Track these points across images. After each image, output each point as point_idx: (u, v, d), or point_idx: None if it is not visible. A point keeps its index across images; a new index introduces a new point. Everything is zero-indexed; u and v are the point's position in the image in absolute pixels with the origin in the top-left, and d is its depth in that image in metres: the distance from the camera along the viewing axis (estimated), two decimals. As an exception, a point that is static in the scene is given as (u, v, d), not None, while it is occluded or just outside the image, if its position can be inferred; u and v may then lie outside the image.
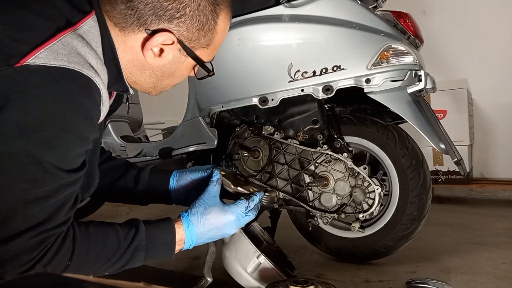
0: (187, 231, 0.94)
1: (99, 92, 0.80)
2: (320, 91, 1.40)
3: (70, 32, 0.78)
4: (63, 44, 0.76)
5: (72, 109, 0.75)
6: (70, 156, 0.77)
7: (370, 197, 1.47)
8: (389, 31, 1.39)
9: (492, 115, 3.16)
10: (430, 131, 1.35)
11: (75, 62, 0.75)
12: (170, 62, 0.91)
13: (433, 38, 2.85)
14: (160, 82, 0.96)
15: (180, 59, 0.91)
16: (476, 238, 1.90)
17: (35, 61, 0.72)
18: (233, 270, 1.19)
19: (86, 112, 0.77)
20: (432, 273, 1.44)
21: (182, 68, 0.94)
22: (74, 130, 0.76)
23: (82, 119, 0.77)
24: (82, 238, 0.81)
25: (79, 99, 0.76)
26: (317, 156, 1.52)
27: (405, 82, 1.36)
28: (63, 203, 0.77)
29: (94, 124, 0.81)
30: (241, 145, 1.61)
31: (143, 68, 0.91)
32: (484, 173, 3.20)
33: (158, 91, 1.00)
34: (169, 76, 0.95)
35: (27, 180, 0.72)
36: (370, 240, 1.50)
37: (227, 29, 0.96)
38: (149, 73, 0.93)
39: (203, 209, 0.98)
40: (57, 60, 0.73)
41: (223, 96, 1.55)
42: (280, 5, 1.44)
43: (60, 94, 0.73)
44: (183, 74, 0.97)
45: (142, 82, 0.95)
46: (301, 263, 1.57)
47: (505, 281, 1.35)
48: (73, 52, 0.76)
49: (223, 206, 0.99)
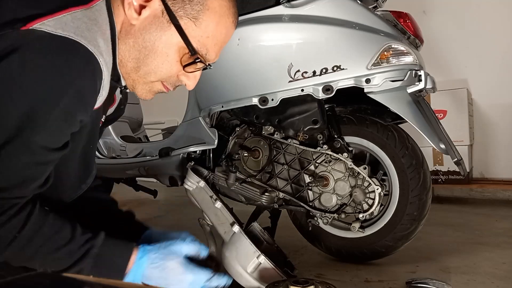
0: (136, 263, 0.85)
1: (101, 73, 0.77)
2: (320, 91, 1.40)
3: (82, 9, 0.77)
4: (73, 17, 0.74)
5: (65, 81, 0.72)
6: (50, 130, 0.74)
7: (370, 197, 1.47)
8: (389, 31, 1.39)
9: (492, 115, 3.16)
10: (430, 131, 1.35)
11: (82, 36, 0.73)
12: (151, 24, 0.83)
13: (433, 38, 2.85)
14: (143, 60, 0.86)
15: (162, 25, 0.83)
16: (476, 238, 1.90)
17: (41, 27, 0.70)
18: (233, 270, 1.19)
19: (80, 87, 0.74)
20: (432, 273, 1.44)
21: (165, 40, 0.84)
22: (61, 103, 0.73)
23: (73, 94, 0.73)
24: (38, 217, 0.78)
25: (76, 72, 0.73)
26: (317, 156, 1.52)
27: (405, 82, 1.36)
28: (30, 179, 0.75)
29: (85, 103, 0.77)
30: (241, 145, 1.61)
31: (127, 35, 0.85)
32: (484, 173, 3.20)
33: (143, 79, 0.89)
34: (151, 50, 0.84)
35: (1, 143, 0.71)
36: (370, 240, 1.50)
37: (225, 17, 0.87)
38: (132, 42, 0.85)
39: (167, 252, 0.88)
40: (64, 30, 0.72)
41: (223, 96, 1.55)
42: (280, 5, 1.44)
43: (58, 63, 0.71)
44: (166, 52, 0.85)
45: (127, 60, 0.87)
46: (301, 263, 1.57)
47: (505, 281, 1.35)
48: (82, 27, 0.74)
49: (188, 263, 0.90)
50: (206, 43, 0.87)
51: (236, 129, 1.63)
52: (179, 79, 0.91)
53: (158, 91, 0.94)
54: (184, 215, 2.65)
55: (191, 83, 0.93)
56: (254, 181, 1.55)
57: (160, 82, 0.91)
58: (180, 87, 0.97)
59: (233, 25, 0.91)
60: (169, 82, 0.91)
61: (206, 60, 0.89)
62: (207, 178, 1.49)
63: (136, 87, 0.91)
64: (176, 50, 0.85)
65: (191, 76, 0.91)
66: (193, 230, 2.22)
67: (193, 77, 0.92)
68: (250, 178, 1.55)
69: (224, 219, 1.32)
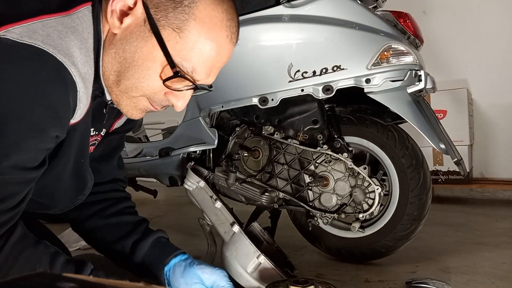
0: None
1: (74, 85, 0.71)
2: (320, 91, 1.40)
3: (57, 16, 0.71)
4: (44, 25, 0.68)
5: (32, 94, 0.66)
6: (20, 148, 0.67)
7: (370, 197, 1.47)
8: (389, 31, 1.39)
9: (492, 115, 3.16)
10: (430, 131, 1.35)
11: (51, 45, 0.67)
12: (132, 34, 0.76)
13: (433, 38, 2.86)
14: (123, 73, 0.78)
15: (143, 34, 0.75)
16: (476, 238, 1.90)
17: (6, 34, 0.64)
18: (233, 270, 1.19)
19: (49, 101, 0.67)
20: (432, 273, 1.44)
21: (146, 51, 0.76)
22: (29, 118, 0.66)
23: (43, 107, 0.67)
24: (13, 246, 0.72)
25: (43, 86, 0.66)
26: (317, 156, 1.52)
27: (405, 82, 1.36)
28: None
29: (57, 117, 0.70)
30: (241, 145, 1.61)
31: (110, 45, 0.78)
32: (484, 173, 3.20)
33: (125, 93, 0.81)
34: (131, 62, 0.77)
35: None
36: (370, 240, 1.50)
37: (215, 30, 0.78)
38: (113, 52, 0.78)
39: None
40: (30, 38, 0.65)
41: (223, 96, 1.55)
42: (280, 5, 1.44)
43: (23, 75, 0.65)
44: (147, 65, 0.77)
45: (109, 73, 0.80)
46: (301, 263, 1.57)
47: (505, 281, 1.35)
48: (53, 36, 0.68)
49: None
50: (191, 59, 0.77)
51: (236, 129, 1.63)
52: (167, 98, 0.83)
53: (146, 109, 0.85)
54: (184, 215, 2.65)
55: (179, 104, 0.83)
56: (254, 181, 1.55)
57: (145, 98, 0.82)
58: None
59: (228, 40, 0.81)
60: (155, 100, 0.83)
61: (193, 79, 0.79)
62: (207, 178, 1.50)
63: (120, 103, 0.83)
64: (160, 64, 0.77)
65: (179, 95, 0.82)
66: (193, 230, 2.23)
67: (182, 97, 0.83)
68: (250, 178, 1.55)
69: (224, 219, 1.32)
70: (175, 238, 2.00)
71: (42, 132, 0.69)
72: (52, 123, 0.70)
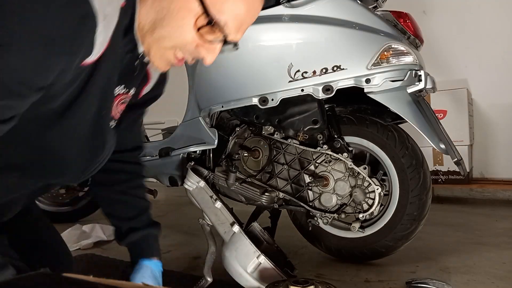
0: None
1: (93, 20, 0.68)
2: (320, 91, 1.40)
3: None
4: None
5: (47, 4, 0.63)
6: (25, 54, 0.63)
7: (370, 197, 1.47)
8: (389, 31, 1.39)
9: (492, 115, 3.16)
10: (430, 131, 1.35)
11: None
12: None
13: (433, 38, 2.86)
14: (159, 21, 0.81)
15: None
16: (476, 238, 1.90)
17: None
18: (233, 270, 1.19)
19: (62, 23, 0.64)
20: (432, 273, 1.44)
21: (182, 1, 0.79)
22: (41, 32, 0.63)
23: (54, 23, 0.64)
24: None
25: (59, 7, 0.64)
26: (317, 156, 1.52)
27: (405, 82, 1.36)
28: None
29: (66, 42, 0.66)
30: (241, 145, 1.61)
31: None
32: (484, 173, 3.20)
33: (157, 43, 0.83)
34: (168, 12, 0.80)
35: None
36: (370, 240, 1.50)
37: None
38: (151, 2, 0.81)
39: None
40: None
41: (223, 96, 1.55)
42: (280, 5, 1.44)
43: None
44: (182, 15, 0.80)
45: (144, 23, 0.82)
46: (301, 263, 1.57)
47: (505, 281, 1.35)
48: None
49: None
50: (225, 12, 0.80)
51: (236, 129, 1.63)
52: (198, 51, 0.85)
53: (171, 62, 0.87)
54: (184, 215, 2.65)
55: (209, 57, 0.86)
56: (254, 181, 1.55)
57: (172, 52, 0.84)
58: (180, 87, 0.93)
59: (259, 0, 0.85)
60: (186, 51, 0.85)
61: (226, 33, 0.82)
62: (207, 178, 1.49)
63: (150, 52, 0.85)
64: (193, 15, 0.79)
65: (210, 48, 0.85)
66: (193, 230, 2.23)
67: (213, 51, 0.85)
68: (250, 178, 1.55)
69: (224, 219, 1.32)
70: (175, 238, 2.00)
71: (52, 46, 0.65)
72: (62, 43, 0.66)
